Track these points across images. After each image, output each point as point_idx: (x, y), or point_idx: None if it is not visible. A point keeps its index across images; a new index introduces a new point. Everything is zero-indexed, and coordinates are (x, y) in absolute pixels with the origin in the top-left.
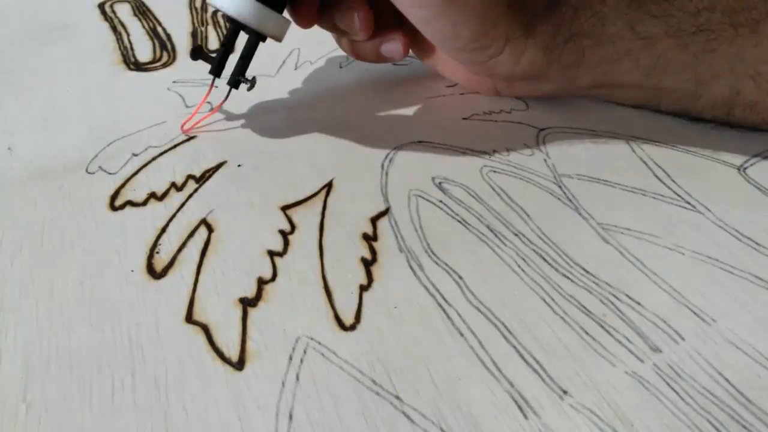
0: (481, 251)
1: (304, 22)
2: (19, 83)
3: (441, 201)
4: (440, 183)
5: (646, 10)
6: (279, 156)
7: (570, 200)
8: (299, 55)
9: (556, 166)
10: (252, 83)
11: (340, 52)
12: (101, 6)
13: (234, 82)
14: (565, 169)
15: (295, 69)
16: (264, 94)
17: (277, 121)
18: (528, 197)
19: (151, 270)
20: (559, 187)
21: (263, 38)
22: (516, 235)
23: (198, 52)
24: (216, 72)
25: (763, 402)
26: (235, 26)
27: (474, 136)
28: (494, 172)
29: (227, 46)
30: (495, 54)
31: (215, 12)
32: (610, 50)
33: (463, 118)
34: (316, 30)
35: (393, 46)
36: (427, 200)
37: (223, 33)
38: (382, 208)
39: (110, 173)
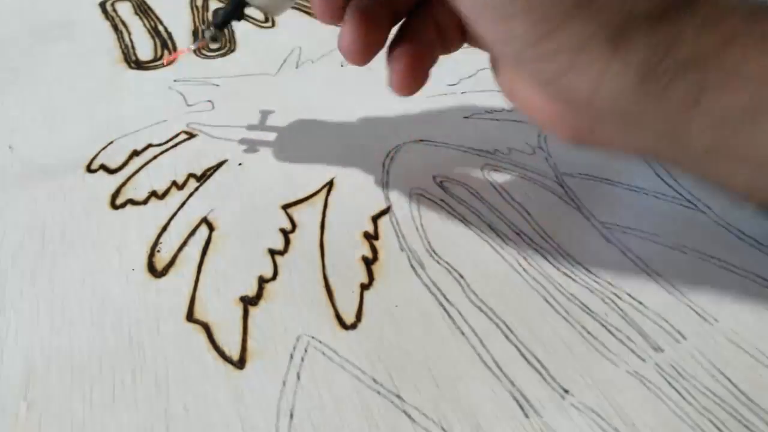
0: (483, 250)
1: (323, 18)
2: (20, 82)
3: (442, 200)
4: (441, 182)
5: None
6: (280, 154)
7: (572, 199)
8: (300, 54)
9: (558, 165)
10: (213, 37)
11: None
12: (102, 5)
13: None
14: (567, 168)
15: (297, 68)
16: (265, 93)
17: (278, 120)
18: (529, 196)
19: (152, 268)
20: (561, 185)
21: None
22: (517, 233)
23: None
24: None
25: (764, 401)
26: None
27: (475, 134)
28: (495, 170)
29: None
30: (565, 68)
31: (216, 10)
32: (747, 101)
33: (465, 117)
34: (317, 28)
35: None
36: (429, 199)
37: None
38: (384, 206)
39: (111, 172)
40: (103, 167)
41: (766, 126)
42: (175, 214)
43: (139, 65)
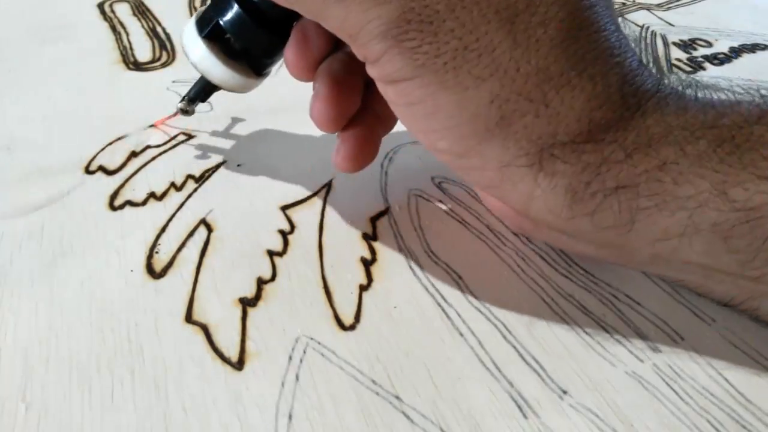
0: (481, 251)
1: (296, 75)
2: (18, 83)
3: (440, 201)
4: (440, 183)
5: (751, 166)
6: (278, 156)
7: None
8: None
9: None
10: (186, 111)
11: None
12: (101, 6)
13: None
14: None
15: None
16: (265, 94)
17: (276, 121)
18: None
19: (150, 270)
20: None
21: (216, 88)
22: (515, 234)
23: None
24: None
25: (762, 401)
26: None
27: None
28: None
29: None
30: (495, 182)
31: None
32: (683, 221)
33: None
34: None
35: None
36: (427, 200)
37: None
38: (382, 207)
39: (110, 173)
40: (101, 168)
41: (708, 238)
42: (173, 215)
43: (137, 66)
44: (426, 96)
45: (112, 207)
